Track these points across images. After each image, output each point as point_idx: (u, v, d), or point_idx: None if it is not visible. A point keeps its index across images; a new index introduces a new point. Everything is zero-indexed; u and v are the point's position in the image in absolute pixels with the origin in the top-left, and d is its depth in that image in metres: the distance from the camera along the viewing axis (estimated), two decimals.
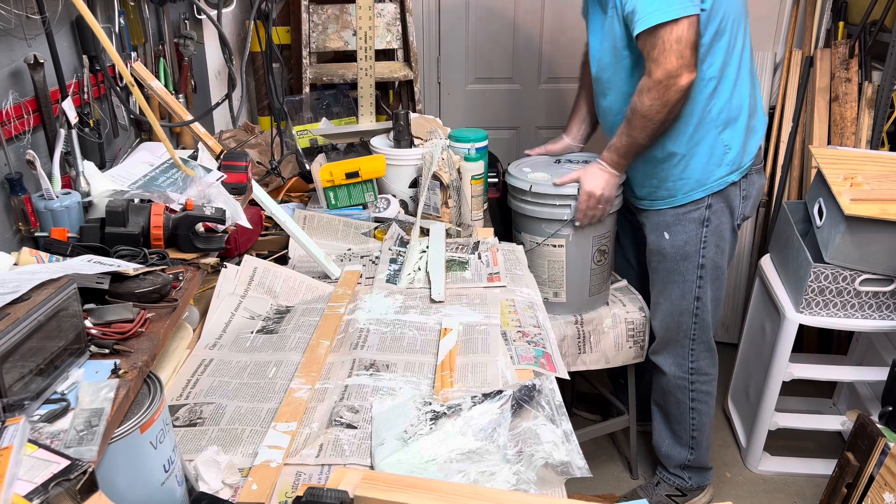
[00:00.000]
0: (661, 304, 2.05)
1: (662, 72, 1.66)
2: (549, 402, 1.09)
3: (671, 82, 1.66)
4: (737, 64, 1.79)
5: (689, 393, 2.11)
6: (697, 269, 1.96)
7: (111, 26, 1.54)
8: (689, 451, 2.18)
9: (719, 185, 1.88)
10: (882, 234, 1.94)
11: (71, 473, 0.68)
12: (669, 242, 1.95)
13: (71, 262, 1.07)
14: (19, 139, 1.24)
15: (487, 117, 3.06)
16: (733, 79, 1.79)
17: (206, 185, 1.36)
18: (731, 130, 1.84)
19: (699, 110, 1.80)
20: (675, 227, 1.94)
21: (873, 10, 2.44)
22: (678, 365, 2.09)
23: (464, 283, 1.54)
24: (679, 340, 2.06)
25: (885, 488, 1.60)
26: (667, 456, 2.22)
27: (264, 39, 2.14)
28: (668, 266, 1.99)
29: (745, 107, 1.85)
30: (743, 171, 1.89)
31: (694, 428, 2.15)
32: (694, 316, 2.01)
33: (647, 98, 1.71)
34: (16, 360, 0.78)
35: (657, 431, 2.24)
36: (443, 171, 1.81)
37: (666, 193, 1.93)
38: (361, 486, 0.85)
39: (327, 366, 1.24)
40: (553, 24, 2.95)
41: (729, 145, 1.85)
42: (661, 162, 1.88)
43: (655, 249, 2.00)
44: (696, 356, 2.07)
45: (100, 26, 1.24)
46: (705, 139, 1.83)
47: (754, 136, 1.91)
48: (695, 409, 2.13)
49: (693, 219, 1.92)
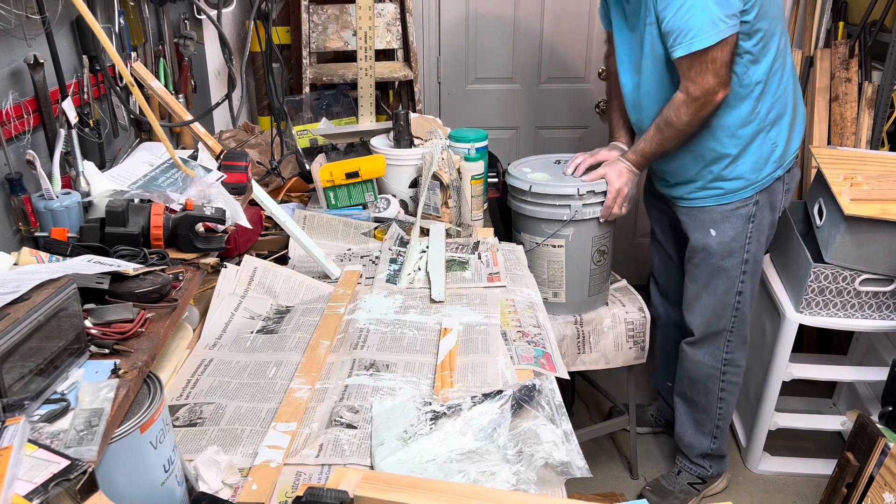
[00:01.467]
0: (703, 298, 2.05)
1: (700, 90, 1.71)
2: (549, 402, 1.09)
3: (708, 99, 1.73)
4: (781, 64, 1.82)
5: (719, 384, 2.14)
6: (742, 265, 1.98)
7: (111, 26, 1.54)
8: (712, 441, 2.21)
9: (767, 182, 1.91)
10: (882, 234, 1.94)
11: (71, 473, 0.68)
12: (716, 239, 1.96)
13: (71, 262, 1.07)
14: (19, 139, 1.24)
15: (487, 117, 3.06)
16: (778, 79, 1.82)
17: (206, 185, 1.36)
18: (777, 129, 1.87)
19: (747, 113, 1.82)
20: (723, 225, 1.94)
21: (873, 10, 2.44)
22: (713, 356, 2.11)
23: (464, 283, 1.54)
24: (719, 333, 2.08)
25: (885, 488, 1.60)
26: (689, 445, 2.24)
27: (264, 39, 2.14)
28: (713, 262, 1.99)
29: (789, 103, 1.88)
30: (787, 166, 1.93)
31: (720, 417, 2.19)
32: (735, 310, 2.03)
33: (683, 114, 1.76)
34: (16, 360, 0.78)
35: (680, 422, 2.26)
36: (443, 171, 1.81)
37: (715, 192, 1.93)
38: (361, 486, 0.85)
39: (327, 366, 1.24)
40: (553, 24, 2.95)
41: (776, 143, 1.88)
42: (710, 163, 1.90)
43: (700, 246, 2.00)
44: (731, 348, 2.10)
45: (100, 26, 1.24)
46: (755, 140, 1.86)
47: (797, 130, 1.95)
48: (723, 399, 2.16)
49: (740, 215, 1.93)
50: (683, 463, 2.29)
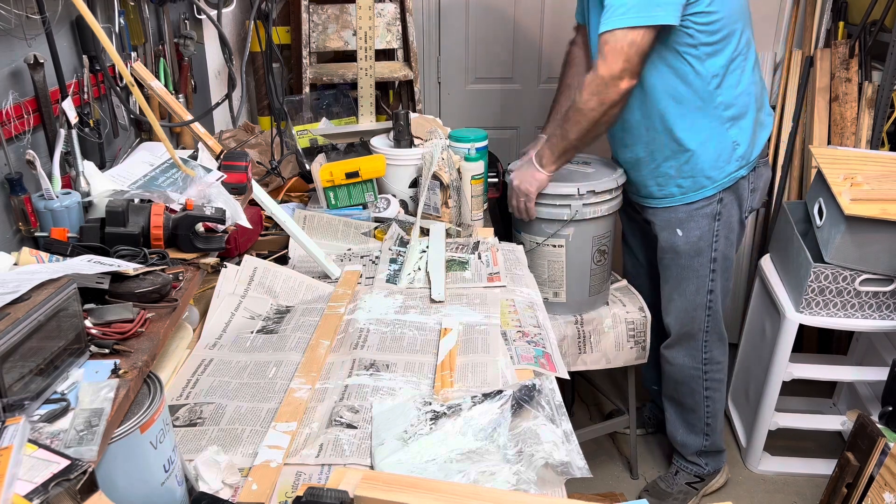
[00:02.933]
0: (676, 300, 2.07)
1: (607, 70, 1.68)
2: (549, 402, 1.09)
3: (613, 83, 1.69)
4: (741, 62, 1.81)
5: (703, 382, 2.15)
6: (710, 263, 1.99)
7: (111, 26, 1.54)
8: (704, 438, 2.22)
9: (730, 181, 1.91)
10: (882, 234, 1.94)
11: (71, 473, 0.68)
12: (683, 239, 1.97)
13: (71, 262, 1.07)
14: (19, 139, 1.24)
15: (487, 117, 3.06)
16: (737, 76, 1.82)
17: (206, 185, 1.36)
18: (738, 127, 1.86)
19: (702, 104, 1.82)
20: (689, 224, 1.95)
21: (873, 10, 2.44)
22: (692, 357, 2.12)
23: (464, 283, 1.54)
24: (694, 334, 2.09)
25: (885, 488, 1.60)
26: (683, 445, 2.26)
27: (264, 39, 2.14)
28: (681, 262, 2.00)
29: (752, 102, 1.87)
30: (751, 165, 1.92)
31: (708, 415, 2.19)
32: (707, 309, 2.05)
33: (585, 92, 1.73)
34: (16, 360, 0.78)
35: (671, 423, 2.27)
36: (443, 171, 1.81)
37: (677, 191, 1.94)
38: (361, 486, 0.85)
39: (327, 366, 1.24)
40: (553, 24, 2.95)
41: (738, 141, 1.87)
42: (669, 159, 1.90)
43: (668, 247, 2.01)
44: (709, 347, 2.11)
45: (100, 26, 1.24)
46: (714, 136, 1.85)
47: (763, 130, 1.95)
48: (709, 398, 2.17)
49: (705, 214, 1.94)
50: (680, 463, 2.29)
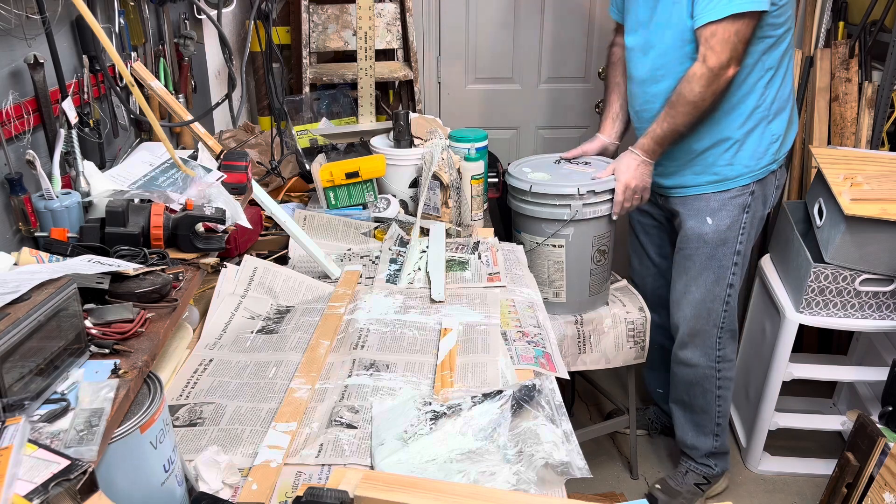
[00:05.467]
0: (693, 291, 2.04)
1: (717, 61, 1.70)
2: (549, 402, 1.09)
3: (722, 73, 1.71)
4: (789, 58, 1.85)
5: (716, 382, 2.12)
6: (734, 256, 1.98)
7: (111, 26, 1.54)
8: (714, 439, 2.21)
9: (763, 173, 1.92)
10: (882, 234, 1.94)
11: (71, 473, 0.68)
12: (712, 227, 1.95)
13: (71, 262, 1.07)
14: (19, 139, 1.24)
15: (487, 117, 3.06)
16: (783, 71, 1.85)
17: (206, 185, 1.36)
18: (778, 121, 1.89)
19: (756, 98, 1.84)
20: (720, 213, 1.94)
21: (873, 10, 2.44)
22: (706, 355, 2.10)
23: (464, 283, 1.54)
24: (708, 330, 2.06)
25: (885, 488, 1.60)
26: (693, 447, 2.24)
27: (264, 39, 2.14)
28: (706, 251, 1.98)
29: (791, 98, 1.91)
30: (780, 161, 1.95)
31: (719, 415, 2.18)
32: (725, 304, 2.03)
33: (697, 86, 1.74)
34: (16, 360, 0.78)
35: (680, 427, 2.25)
36: (443, 171, 1.81)
37: (713, 178, 1.93)
38: (361, 486, 0.85)
39: (327, 366, 1.24)
40: (553, 24, 2.95)
41: (776, 135, 1.90)
42: (709, 147, 1.90)
43: (694, 235, 1.99)
44: (722, 343, 2.09)
45: (100, 26, 1.24)
46: (758, 127, 1.87)
47: (793, 127, 1.97)
48: (720, 397, 2.15)
49: (737, 204, 1.94)
50: (689, 464, 2.28)
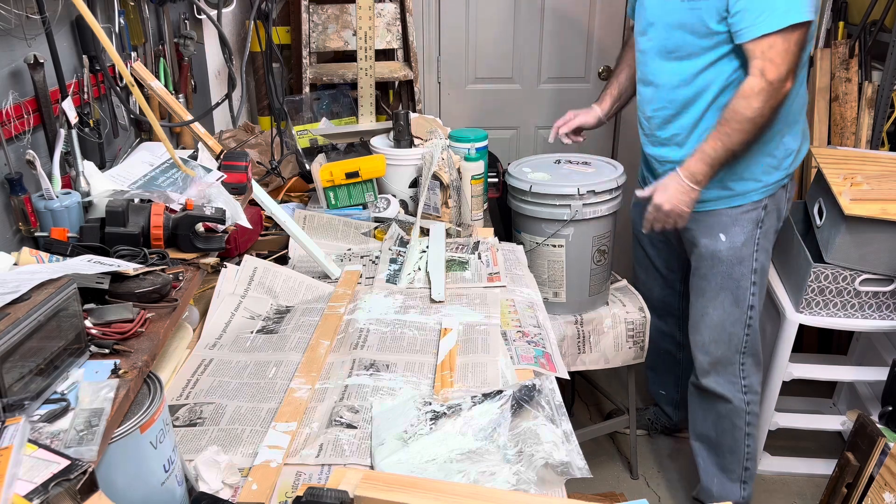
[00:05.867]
0: (711, 314, 1.92)
1: (776, 74, 1.58)
2: (549, 402, 1.09)
3: (780, 86, 1.60)
4: (805, 68, 1.77)
5: (745, 416, 1.96)
6: (751, 275, 1.87)
7: (111, 26, 1.54)
8: (742, 487, 2.03)
9: (775, 188, 1.84)
10: (882, 234, 1.94)
11: (71, 473, 0.68)
12: (726, 244, 1.85)
13: (71, 262, 1.07)
14: (19, 139, 1.24)
15: (487, 117, 3.06)
16: (800, 82, 1.75)
17: (206, 185, 1.36)
18: (792, 135, 1.81)
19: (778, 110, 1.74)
20: (733, 229, 1.85)
21: (873, 10, 2.44)
22: (731, 384, 1.95)
23: (464, 283, 1.54)
24: (729, 357, 1.93)
25: (885, 488, 1.60)
26: (719, 497, 2.03)
27: (264, 39, 2.14)
28: (722, 270, 1.88)
29: (803, 111, 1.83)
30: (790, 175, 1.87)
31: (748, 457, 2.01)
32: (747, 327, 1.91)
33: (755, 101, 1.61)
34: (16, 360, 0.78)
35: (704, 470, 2.07)
36: (443, 171, 1.81)
37: (726, 193, 1.84)
38: (361, 486, 0.85)
39: (327, 366, 1.24)
40: (553, 24, 2.95)
41: (790, 148, 1.82)
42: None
43: (708, 253, 1.88)
44: (746, 371, 1.95)
45: (100, 26, 1.24)
46: (772, 141, 1.78)
47: (806, 140, 1.89)
48: (750, 435, 1.99)
49: (750, 219, 1.84)
50: None
